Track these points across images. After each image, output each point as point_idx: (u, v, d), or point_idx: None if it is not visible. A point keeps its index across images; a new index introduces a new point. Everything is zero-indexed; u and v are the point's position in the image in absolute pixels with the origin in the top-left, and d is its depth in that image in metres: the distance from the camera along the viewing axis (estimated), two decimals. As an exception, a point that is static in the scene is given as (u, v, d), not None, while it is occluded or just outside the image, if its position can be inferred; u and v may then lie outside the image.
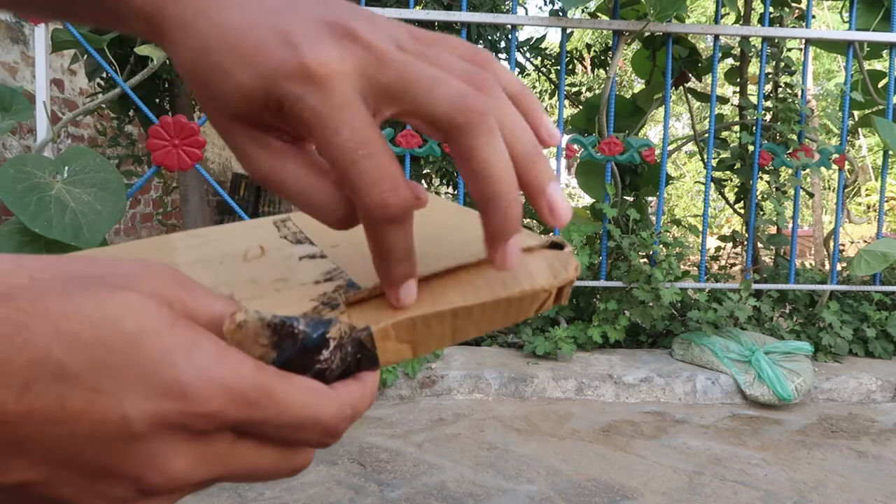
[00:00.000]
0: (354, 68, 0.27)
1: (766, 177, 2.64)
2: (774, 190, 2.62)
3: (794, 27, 2.67)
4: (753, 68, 3.07)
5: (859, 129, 5.68)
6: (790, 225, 2.69)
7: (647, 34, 2.71)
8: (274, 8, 0.28)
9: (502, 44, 3.51)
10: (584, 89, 5.41)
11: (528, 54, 3.71)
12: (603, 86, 2.57)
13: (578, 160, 2.61)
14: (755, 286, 2.57)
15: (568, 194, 9.10)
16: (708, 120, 2.90)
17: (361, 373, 0.27)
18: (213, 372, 0.22)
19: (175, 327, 0.23)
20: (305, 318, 0.25)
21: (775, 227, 2.95)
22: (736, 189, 2.99)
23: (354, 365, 0.27)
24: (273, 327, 0.24)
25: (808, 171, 2.60)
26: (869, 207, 8.68)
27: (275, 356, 0.24)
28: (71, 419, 0.21)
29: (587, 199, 4.22)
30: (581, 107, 3.19)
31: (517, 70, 3.61)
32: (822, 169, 2.59)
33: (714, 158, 2.87)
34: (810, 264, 3.40)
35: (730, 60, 3.15)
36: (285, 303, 0.29)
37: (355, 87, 0.27)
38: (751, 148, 2.65)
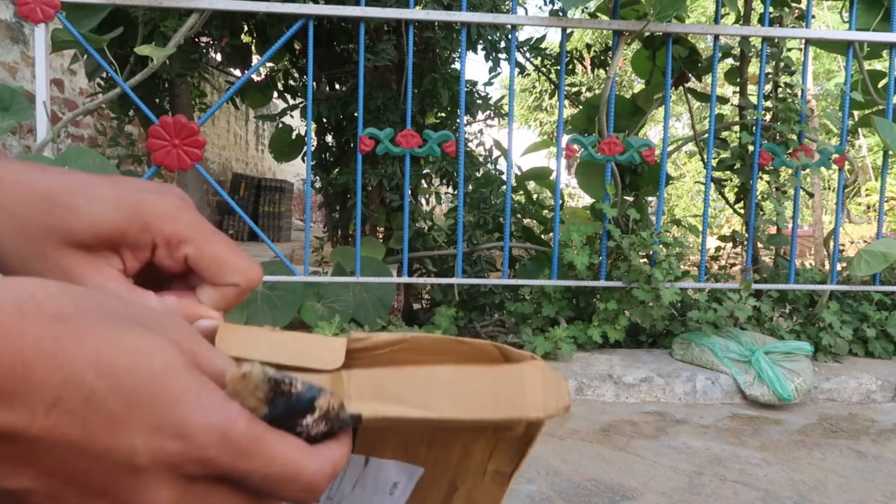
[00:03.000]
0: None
1: (766, 177, 2.64)
2: (774, 190, 2.62)
3: (794, 27, 2.67)
4: (753, 68, 3.07)
5: (859, 129, 5.68)
6: (790, 225, 2.69)
7: (647, 34, 2.71)
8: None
9: (502, 44, 3.51)
10: (584, 89, 5.41)
11: (528, 54, 3.71)
12: (603, 86, 2.57)
13: (578, 160, 2.61)
14: (755, 286, 2.57)
15: (568, 194, 9.11)
16: (708, 120, 2.90)
17: (338, 433, 0.28)
18: (215, 417, 0.24)
19: (190, 370, 0.24)
20: (303, 381, 0.26)
21: (775, 227, 2.95)
22: (736, 189, 2.99)
23: (334, 431, 0.28)
24: (273, 383, 0.25)
25: (808, 171, 2.60)
26: (869, 207, 8.68)
27: (266, 411, 0.26)
28: (87, 441, 0.23)
29: (587, 199, 4.22)
30: (581, 107, 3.19)
31: (517, 70, 3.61)
32: (822, 169, 2.59)
33: (714, 158, 2.87)
34: (810, 264, 3.40)
35: (730, 60, 3.15)
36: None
37: None
38: (751, 148, 2.65)
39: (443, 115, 3.66)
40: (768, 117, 2.67)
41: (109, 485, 0.24)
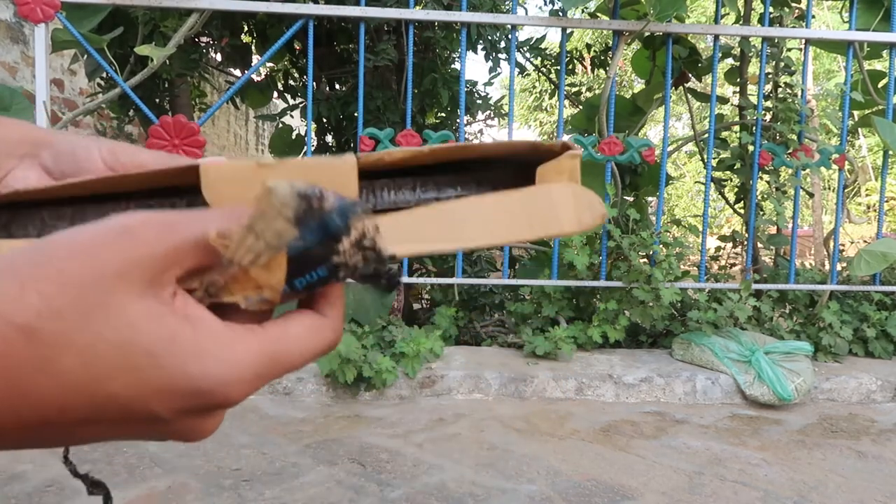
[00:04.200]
0: None
1: (766, 177, 2.64)
2: (774, 190, 2.62)
3: (794, 27, 2.67)
4: (753, 68, 3.07)
5: (859, 129, 5.68)
6: (790, 225, 2.69)
7: (647, 34, 2.71)
8: None
9: (502, 44, 3.51)
10: (584, 89, 5.41)
11: (528, 54, 3.71)
12: (603, 86, 2.57)
13: (578, 160, 2.61)
14: (755, 286, 2.57)
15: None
16: (708, 120, 2.90)
17: (327, 289, 0.27)
18: (227, 374, 0.24)
19: (181, 333, 0.24)
20: (335, 193, 0.24)
21: (775, 227, 2.95)
22: (736, 189, 2.99)
23: (367, 276, 0.26)
24: (303, 197, 0.23)
25: (808, 171, 2.60)
26: (869, 207, 8.68)
27: (295, 235, 0.23)
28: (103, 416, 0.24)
29: (587, 199, 4.19)
30: (581, 107, 3.19)
31: (517, 70, 3.61)
32: (822, 169, 2.59)
33: (714, 158, 2.87)
34: (810, 264, 3.40)
35: (730, 60, 3.15)
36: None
37: None
38: (751, 148, 2.65)
39: (443, 115, 3.66)
40: (768, 117, 2.67)
41: (139, 427, 0.25)
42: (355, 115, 2.86)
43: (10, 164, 0.43)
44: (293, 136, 3.64)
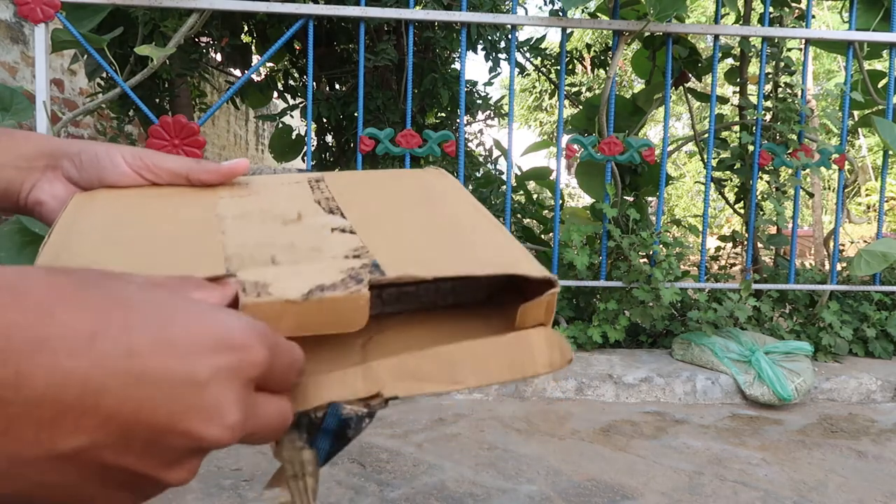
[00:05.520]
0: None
1: (766, 177, 2.64)
2: (774, 190, 2.62)
3: (794, 27, 2.67)
4: (753, 68, 3.07)
5: (859, 129, 5.68)
6: (790, 225, 2.69)
7: (647, 34, 2.71)
8: None
9: (502, 44, 3.51)
10: (584, 89, 5.41)
11: (528, 54, 3.71)
12: (603, 86, 2.57)
13: (578, 160, 2.61)
14: (755, 286, 2.57)
15: (568, 194, 9.10)
16: (708, 120, 2.89)
17: None
18: (255, 327, 0.27)
19: (192, 301, 0.27)
20: (325, 412, 0.32)
21: (775, 227, 2.95)
22: (736, 189, 2.99)
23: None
24: (306, 441, 0.31)
25: (808, 171, 2.60)
26: (869, 207, 8.68)
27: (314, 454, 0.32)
28: (139, 367, 0.23)
29: (587, 199, 4.22)
30: (581, 107, 3.19)
31: (517, 70, 3.61)
32: (822, 169, 2.59)
33: (714, 158, 2.87)
34: (810, 264, 3.40)
35: (730, 60, 3.15)
36: (319, 272, 0.33)
37: None
38: (751, 148, 2.64)
39: (443, 115, 3.66)
40: (768, 117, 2.67)
41: (177, 412, 0.24)
42: (355, 115, 2.86)
43: (33, 177, 0.44)
44: (293, 136, 3.64)
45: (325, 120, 3.58)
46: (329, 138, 3.76)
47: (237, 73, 3.98)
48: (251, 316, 0.28)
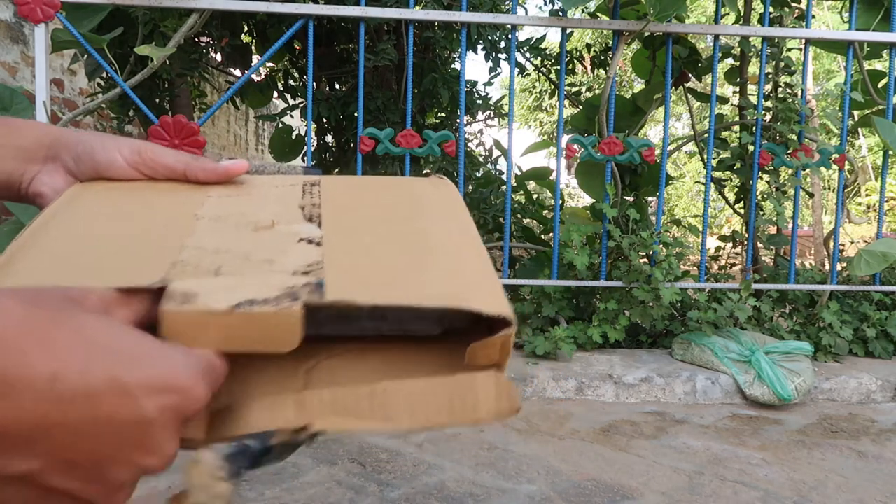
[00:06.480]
0: None
1: (766, 177, 2.64)
2: (774, 190, 2.62)
3: (794, 27, 2.66)
4: (753, 68, 3.07)
5: (859, 129, 5.68)
6: (790, 225, 2.68)
7: (647, 34, 2.71)
8: None
9: (502, 44, 3.51)
10: (584, 89, 5.41)
11: (528, 54, 3.71)
12: (603, 86, 2.57)
13: (578, 160, 2.61)
14: (755, 286, 2.57)
15: (568, 194, 9.10)
16: (708, 120, 2.89)
17: None
18: (199, 365, 0.28)
19: (143, 340, 0.28)
20: (252, 438, 0.31)
21: (775, 227, 2.95)
22: (736, 189, 2.99)
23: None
24: (231, 458, 0.30)
25: (808, 171, 2.60)
26: (869, 207, 8.68)
27: (233, 490, 0.30)
28: (94, 407, 0.25)
29: (587, 199, 4.22)
30: (581, 107, 3.19)
31: (517, 70, 3.61)
32: (822, 169, 2.59)
33: (714, 158, 2.87)
34: (810, 264, 3.40)
35: (730, 60, 3.15)
36: (257, 286, 0.32)
37: None
38: (751, 148, 2.64)
39: (443, 115, 3.66)
40: (768, 117, 2.67)
41: (122, 445, 0.26)
42: (355, 115, 2.86)
43: (34, 168, 0.45)
44: (293, 136, 3.64)
45: (325, 120, 3.58)
46: (329, 138, 3.76)
47: (237, 73, 3.98)
48: (181, 336, 0.29)
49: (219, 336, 0.30)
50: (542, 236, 3.45)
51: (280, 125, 3.65)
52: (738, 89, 3.03)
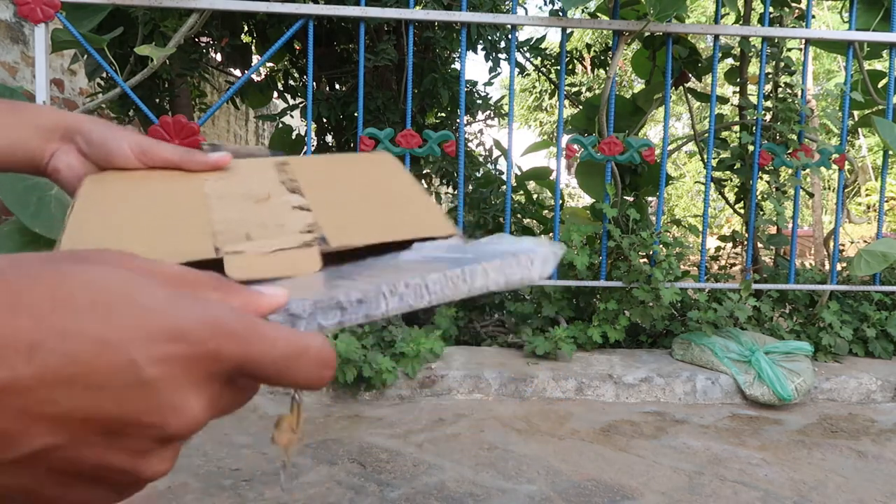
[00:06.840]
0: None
1: (766, 177, 2.64)
2: (774, 190, 2.62)
3: (794, 27, 2.66)
4: (753, 68, 3.07)
5: (859, 129, 5.68)
6: (790, 225, 2.68)
7: (647, 34, 2.71)
8: None
9: (502, 44, 3.51)
10: (584, 89, 5.40)
11: (528, 54, 3.70)
12: (603, 86, 2.57)
13: (578, 160, 2.61)
14: (755, 286, 2.57)
15: (568, 194, 9.10)
16: (708, 120, 2.89)
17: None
18: (201, 311, 0.24)
19: (151, 280, 0.25)
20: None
21: (775, 227, 2.95)
22: (736, 189, 2.99)
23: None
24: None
25: (808, 171, 2.60)
26: (869, 207, 8.68)
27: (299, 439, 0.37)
28: (82, 374, 0.22)
29: (587, 199, 4.22)
30: (581, 107, 3.19)
31: (517, 70, 3.61)
32: (822, 169, 2.59)
33: (714, 158, 2.87)
34: (810, 264, 3.40)
35: (730, 60, 3.15)
36: (280, 243, 0.42)
37: None
38: (751, 148, 2.64)
39: (443, 115, 3.66)
40: (768, 117, 2.67)
41: (132, 412, 0.23)
42: (355, 115, 2.86)
43: (53, 146, 0.52)
44: (293, 136, 3.64)
45: (325, 120, 3.58)
46: (329, 138, 3.76)
47: (237, 73, 3.98)
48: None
49: (269, 267, 0.39)
50: (543, 236, 3.45)
51: (280, 125, 3.65)
52: (738, 89, 3.03)
